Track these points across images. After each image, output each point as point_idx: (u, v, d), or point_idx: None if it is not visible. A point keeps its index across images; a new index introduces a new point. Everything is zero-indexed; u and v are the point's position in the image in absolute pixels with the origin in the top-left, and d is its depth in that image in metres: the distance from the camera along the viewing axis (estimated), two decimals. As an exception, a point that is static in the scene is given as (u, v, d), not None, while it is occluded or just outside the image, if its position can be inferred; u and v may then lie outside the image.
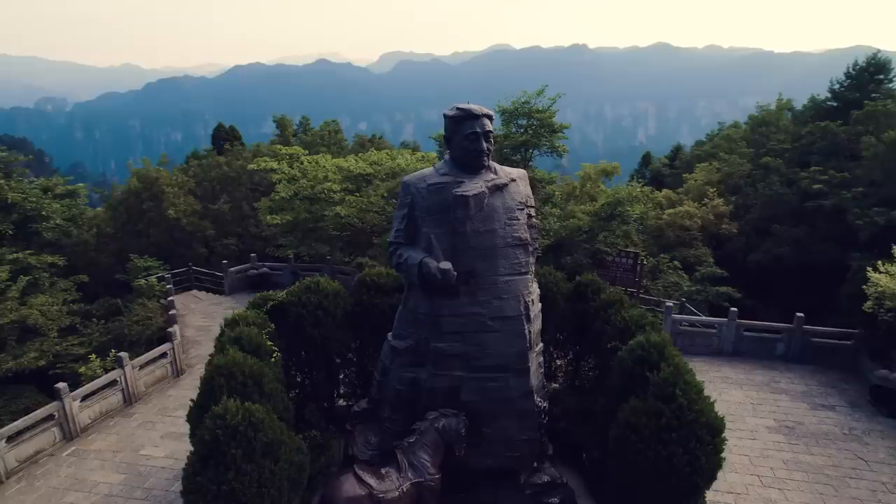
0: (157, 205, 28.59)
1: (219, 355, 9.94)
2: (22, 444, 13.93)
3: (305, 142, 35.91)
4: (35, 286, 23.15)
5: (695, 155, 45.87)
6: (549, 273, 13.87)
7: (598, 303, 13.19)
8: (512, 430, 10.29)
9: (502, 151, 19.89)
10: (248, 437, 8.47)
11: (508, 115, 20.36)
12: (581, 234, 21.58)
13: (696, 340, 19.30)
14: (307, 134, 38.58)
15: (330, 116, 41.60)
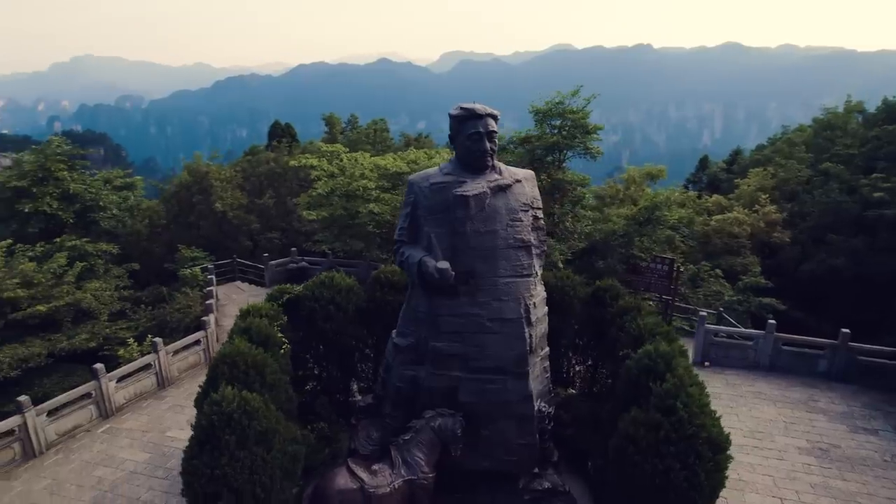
0: (205, 198, 29.84)
1: (226, 344, 10.28)
2: (62, 418, 14.85)
3: (351, 139, 36.59)
4: (91, 272, 24.58)
5: (754, 159, 43.89)
6: (567, 276, 13.62)
7: (615, 309, 12.85)
8: (510, 434, 10.18)
9: (535, 152, 19.65)
10: (243, 425, 8.74)
11: (542, 116, 20.07)
12: (616, 237, 21.06)
13: (731, 353, 18.48)
14: (353, 132, 39.29)
15: (390, 115, 42.21)
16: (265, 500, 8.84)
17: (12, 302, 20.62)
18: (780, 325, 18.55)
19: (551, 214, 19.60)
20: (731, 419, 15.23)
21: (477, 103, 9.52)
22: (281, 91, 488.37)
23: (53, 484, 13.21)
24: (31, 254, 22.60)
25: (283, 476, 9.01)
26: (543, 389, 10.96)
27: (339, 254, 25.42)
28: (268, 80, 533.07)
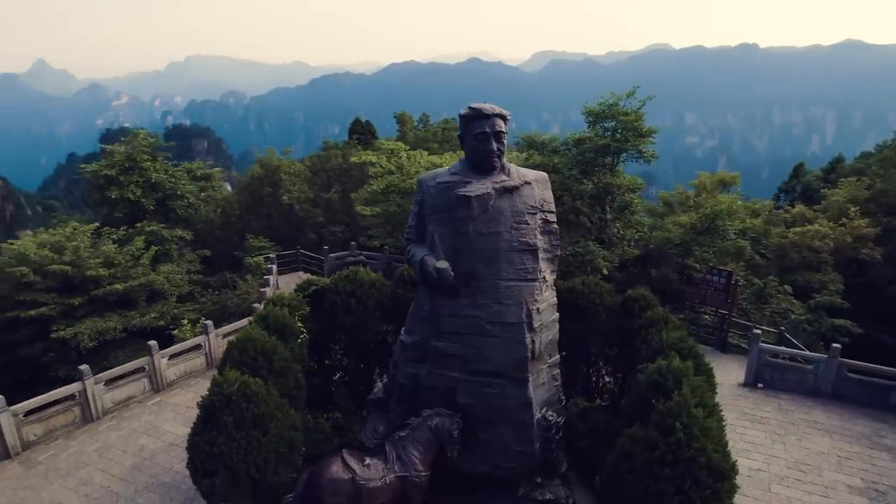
0: (274, 190, 31.32)
1: (242, 330, 10.78)
2: (117, 388, 16.15)
3: (419, 138, 37.06)
4: (166, 256, 26.48)
5: (855, 168, 40.35)
6: (595, 284, 13.16)
7: (642, 320, 12.29)
8: (507, 440, 10.00)
9: (586, 154, 19.05)
10: (241, 407, 9.16)
11: (595, 117, 19.42)
12: (672, 246, 20.07)
13: (788, 376, 17.13)
14: (422, 130, 39.74)
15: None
16: (259, 480, 9.23)
17: (95, 279, 22.59)
18: (859, 350, 16.98)
19: (599, 219, 18.98)
20: (777, 447, 14.18)
21: (486, 103, 9.42)
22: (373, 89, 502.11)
23: (103, 447, 14.39)
24: (115, 237, 24.67)
25: (277, 460, 9.34)
26: (551, 398, 10.68)
27: (393, 249, 25.86)
28: (360, 79, 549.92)
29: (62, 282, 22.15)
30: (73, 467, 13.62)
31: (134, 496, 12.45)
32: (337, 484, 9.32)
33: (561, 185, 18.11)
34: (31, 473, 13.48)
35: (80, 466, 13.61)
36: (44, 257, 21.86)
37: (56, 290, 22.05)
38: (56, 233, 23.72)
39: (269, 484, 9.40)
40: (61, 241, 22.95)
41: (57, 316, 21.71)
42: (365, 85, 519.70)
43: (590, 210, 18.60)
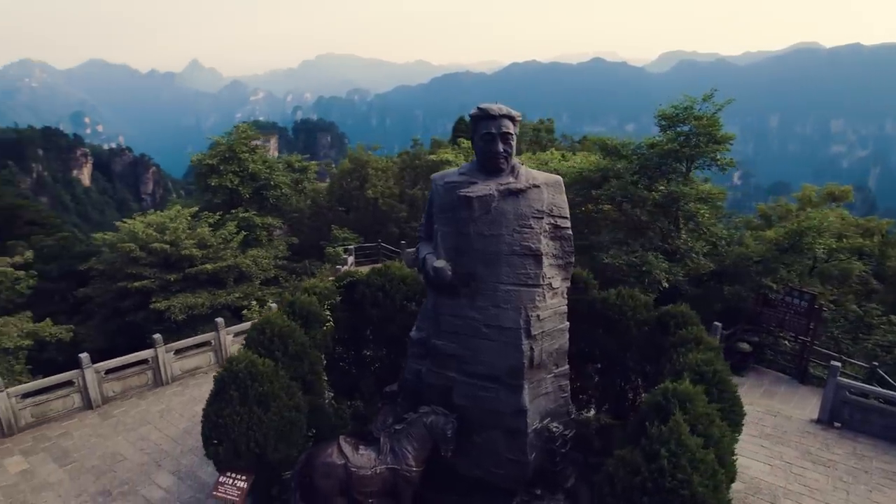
0: (361, 185, 32.66)
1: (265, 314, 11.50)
2: (186, 359, 17.79)
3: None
4: (256, 241, 28.56)
5: None
6: (630, 296, 12.51)
7: (675, 338, 11.54)
8: (499, 446, 9.84)
9: (652, 159, 18.00)
10: (246, 385, 9.79)
11: (668, 121, 18.27)
12: (751, 262, 18.52)
13: (874, 418, 15.20)
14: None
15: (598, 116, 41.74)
16: (260, 455, 9.83)
17: (189, 258, 24.90)
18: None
19: (663, 229, 17.88)
20: (837, 496, 12.72)
21: (492, 104, 9.30)
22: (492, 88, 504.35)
23: (165, 409, 15.94)
24: (211, 221, 27.00)
25: (277, 437, 9.86)
26: (557, 409, 10.36)
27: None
28: (480, 78, 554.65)
29: (162, 259, 24.63)
30: (138, 423, 15.22)
31: (179, 456, 13.69)
32: (329, 468, 9.71)
33: (621, 191, 17.30)
34: (104, 424, 15.25)
35: (143, 424, 15.18)
36: (149, 236, 24.46)
37: (157, 265, 24.57)
38: (162, 215, 26.40)
39: (269, 460, 9.97)
40: (165, 222, 25.53)
41: (156, 289, 24.19)
42: (484, 84, 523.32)
43: (650, 218, 17.57)
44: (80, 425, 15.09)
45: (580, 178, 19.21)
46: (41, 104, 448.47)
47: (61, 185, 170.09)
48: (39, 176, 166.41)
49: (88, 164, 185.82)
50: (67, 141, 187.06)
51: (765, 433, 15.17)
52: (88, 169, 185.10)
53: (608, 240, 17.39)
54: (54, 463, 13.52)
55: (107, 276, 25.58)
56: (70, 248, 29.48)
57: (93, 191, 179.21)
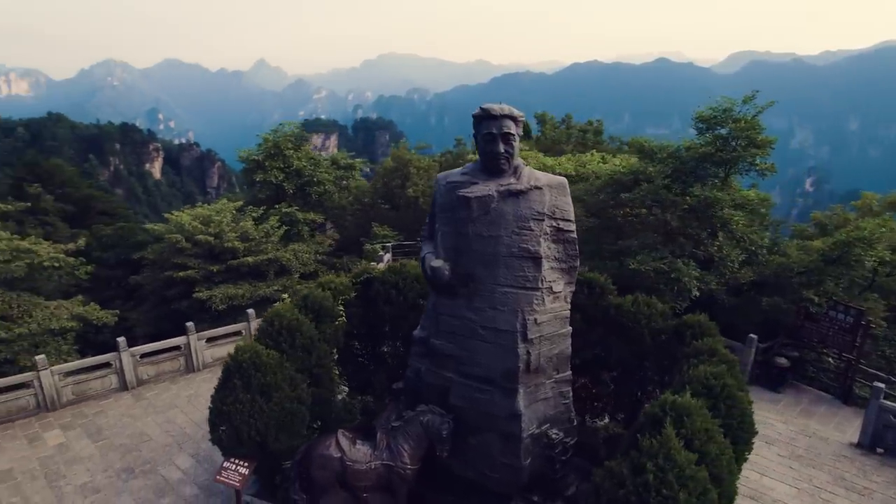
0: (403, 183, 32.96)
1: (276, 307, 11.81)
2: (217, 347, 18.47)
3: (553, 139, 36.43)
4: (297, 235, 29.31)
5: None
6: (646, 304, 12.15)
7: (690, 349, 11.13)
8: (494, 450, 9.74)
9: (687, 164, 17.27)
10: (249, 374, 10.10)
11: (705, 124, 17.50)
12: (792, 273, 17.59)
13: (920, 444, 14.23)
14: (554, 131, 38.85)
15: (660, 118, 40.79)
16: (260, 443, 10.13)
17: (232, 251, 25.81)
18: None
19: (695, 236, 17.13)
20: (871, 524, 11.97)
21: (495, 104, 9.22)
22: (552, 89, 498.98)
23: (193, 395, 16.62)
24: (255, 215, 27.91)
25: (277, 427, 10.13)
26: (557, 416, 10.17)
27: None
28: (540, 78, 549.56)
29: (206, 250, 25.65)
30: (167, 407, 15.94)
31: (199, 440, 14.23)
32: (326, 460, 9.91)
33: (652, 195, 16.72)
34: (136, 405, 16.05)
35: (172, 407, 15.88)
36: (195, 228, 25.52)
37: (201, 256, 25.59)
38: (209, 208, 27.50)
39: (271, 449, 10.26)
40: (210, 215, 26.58)
41: (200, 279, 25.20)
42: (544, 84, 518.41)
43: (681, 223, 16.88)
44: (114, 405, 15.95)
45: (611, 180, 18.73)
46: (121, 101, 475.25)
47: (135, 177, 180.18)
48: (116, 169, 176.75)
49: (159, 159, 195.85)
50: (142, 136, 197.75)
51: (796, 454, 14.39)
52: (159, 163, 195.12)
53: (637, 245, 16.86)
54: (88, 439, 14.35)
55: (156, 265, 26.87)
56: (126, 238, 31.15)
57: (163, 183, 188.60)
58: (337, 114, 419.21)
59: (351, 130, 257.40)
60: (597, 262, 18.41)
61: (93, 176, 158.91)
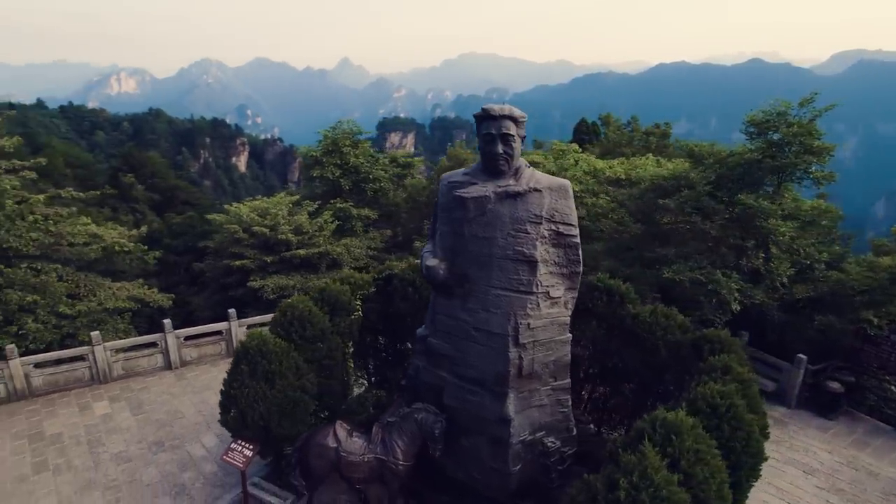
0: (457, 182, 33.01)
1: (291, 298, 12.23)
2: (257, 334, 19.27)
3: (615, 141, 35.39)
4: (351, 231, 30.08)
5: None
6: (664, 315, 11.65)
7: (704, 364, 10.59)
8: (483, 453, 9.66)
9: (733, 170, 16.22)
10: (255, 361, 10.54)
11: (757, 128, 16.39)
12: (851, 291, 16.29)
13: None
14: (617, 133, 37.60)
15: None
16: (264, 428, 10.55)
17: (286, 243, 26.85)
18: None
19: (738, 247, 16.12)
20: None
21: (496, 104, 9.12)
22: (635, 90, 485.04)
23: (230, 378, 17.45)
24: (310, 209, 28.88)
25: (280, 414, 10.51)
26: (554, 424, 9.94)
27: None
28: (623, 79, 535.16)
29: (262, 241, 26.80)
30: (203, 388, 16.84)
31: (227, 421, 14.95)
32: (322, 449, 10.20)
33: (692, 202, 15.86)
34: (177, 384, 17.07)
35: (207, 388, 16.76)
36: (252, 219, 26.74)
37: (257, 247, 26.78)
38: (267, 201, 28.74)
39: (274, 434, 10.67)
40: (268, 207, 27.76)
41: (254, 269, 26.38)
42: (627, 85, 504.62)
43: (722, 233, 15.92)
44: (158, 382, 17.05)
45: (653, 185, 17.95)
46: (214, 98, 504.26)
47: (222, 170, 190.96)
48: (205, 161, 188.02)
49: (245, 153, 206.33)
50: (230, 131, 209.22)
51: (836, 487, 13.35)
52: (245, 157, 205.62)
53: (674, 254, 16.09)
54: (129, 411, 15.43)
55: (217, 253, 28.37)
56: (194, 227, 33.10)
57: (247, 176, 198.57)
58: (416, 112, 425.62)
59: (428, 129, 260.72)
60: (637, 269, 17.78)
61: (184, 167, 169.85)
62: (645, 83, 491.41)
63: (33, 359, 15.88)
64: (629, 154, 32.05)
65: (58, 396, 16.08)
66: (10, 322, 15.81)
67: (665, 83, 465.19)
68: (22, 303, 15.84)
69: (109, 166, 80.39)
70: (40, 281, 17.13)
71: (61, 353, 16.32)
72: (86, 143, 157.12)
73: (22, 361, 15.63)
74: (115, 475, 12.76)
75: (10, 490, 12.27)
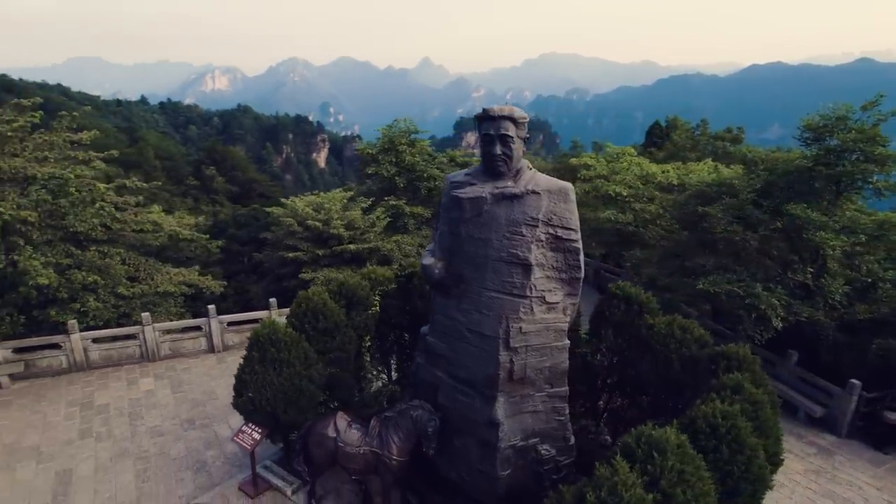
0: (512, 183, 32.78)
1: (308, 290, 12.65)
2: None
3: (679, 145, 33.96)
4: (404, 228, 30.56)
5: None
6: (682, 327, 11.15)
7: (716, 382, 10.07)
8: (471, 455, 9.61)
9: (780, 179, 15.07)
10: (265, 348, 11.00)
11: (813, 133, 15.16)
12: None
13: None
14: (687, 136, 35.93)
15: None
16: (272, 413, 10.99)
17: (337, 237, 27.66)
18: None
19: (785, 260, 15.02)
20: None
21: (496, 105, 9.05)
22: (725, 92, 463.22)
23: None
24: (363, 205, 29.58)
25: (286, 401, 10.91)
26: (549, 431, 9.74)
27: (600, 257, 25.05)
28: (712, 80, 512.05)
29: (315, 235, 27.72)
30: (241, 372, 17.66)
31: (256, 405, 15.65)
32: (322, 438, 10.50)
33: (735, 210, 14.92)
34: (217, 367, 18.03)
35: (244, 372, 17.56)
36: (306, 213, 27.73)
37: (310, 240, 27.73)
38: (323, 196, 29.70)
39: (281, 420, 11.09)
40: (322, 202, 28.69)
41: (307, 261, 27.35)
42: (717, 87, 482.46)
43: (763, 245, 14.85)
44: (199, 364, 18.08)
45: (697, 192, 17.03)
46: (300, 95, 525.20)
47: (303, 165, 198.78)
48: (287, 156, 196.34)
49: (325, 149, 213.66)
50: (311, 128, 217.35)
51: (880, 527, 12.34)
52: (325, 153, 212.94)
53: (712, 264, 15.23)
54: (170, 389, 16.47)
55: (274, 245, 29.63)
56: (257, 219, 34.69)
57: (326, 172, 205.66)
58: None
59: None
60: (678, 278, 17.06)
61: (267, 162, 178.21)
62: (736, 85, 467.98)
63: (91, 334, 17.28)
64: (693, 159, 30.73)
65: (111, 370, 17.42)
66: (75, 299, 17.20)
67: (758, 85, 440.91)
68: (85, 282, 17.21)
69: (195, 159, 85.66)
70: (105, 263, 18.54)
71: (116, 331, 17.66)
72: (180, 136, 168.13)
73: (81, 336, 17.05)
74: (147, 447, 13.67)
75: (57, 452, 13.43)
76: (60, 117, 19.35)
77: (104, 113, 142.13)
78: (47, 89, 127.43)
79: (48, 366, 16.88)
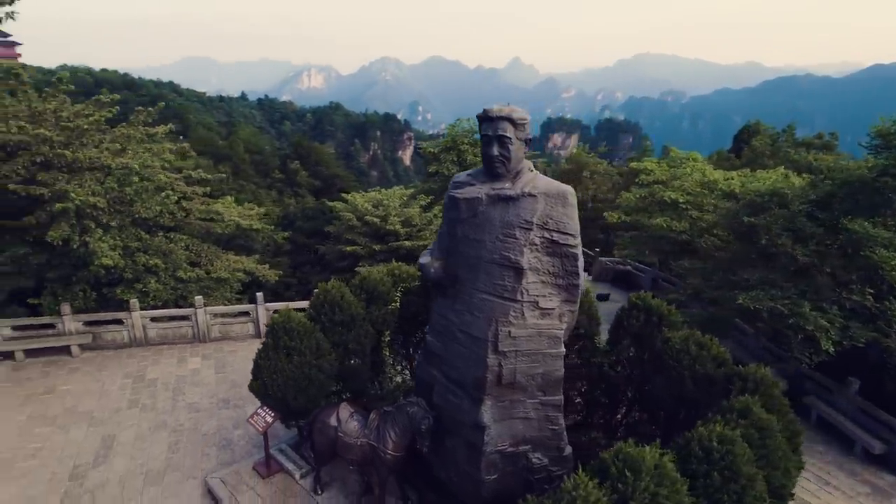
0: (575, 186, 32.06)
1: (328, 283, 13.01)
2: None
3: (757, 151, 31.77)
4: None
5: None
6: (698, 344, 10.51)
7: (727, 403, 9.43)
8: (459, 456, 9.54)
9: (838, 190, 13.63)
10: (279, 336, 11.45)
11: (884, 140, 13.65)
12: None
13: None
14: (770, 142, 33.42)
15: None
16: (281, 398, 11.42)
17: (394, 233, 28.22)
18: None
19: (837, 278, 13.62)
20: None
21: (507, 105, 8.90)
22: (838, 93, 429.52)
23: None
24: (422, 203, 29.98)
25: (295, 388, 11.30)
26: (540, 439, 9.46)
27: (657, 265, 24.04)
28: (824, 82, 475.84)
29: (373, 230, 28.44)
30: (282, 358, 18.42)
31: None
32: (325, 426, 10.82)
33: (785, 222, 13.69)
34: (260, 351, 18.85)
35: (284, 359, 18.31)
36: (365, 209, 28.48)
37: (368, 235, 28.49)
38: (383, 192, 30.37)
39: (291, 406, 11.50)
40: (382, 198, 29.34)
41: (364, 255, 28.10)
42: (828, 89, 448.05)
43: (813, 260, 13.50)
44: (245, 348, 19.03)
45: (749, 202, 15.80)
46: (390, 94, 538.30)
47: (388, 162, 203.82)
48: (374, 153, 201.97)
49: (410, 147, 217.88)
50: (399, 126, 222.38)
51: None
52: (410, 150, 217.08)
53: (756, 279, 14.13)
54: (214, 370, 17.48)
55: (335, 238, 30.66)
56: (324, 212, 36.01)
57: (410, 169, 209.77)
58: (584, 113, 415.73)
59: (593, 131, 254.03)
60: (724, 292, 16.07)
61: (355, 158, 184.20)
62: (851, 85, 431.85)
63: (150, 313, 18.67)
64: (772, 166, 28.73)
65: (165, 348, 18.74)
66: (138, 280, 18.63)
67: (878, 86, 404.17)
68: (148, 265, 18.60)
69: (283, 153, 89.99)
70: (169, 248, 19.94)
71: (172, 312, 18.95)
72: (275, 131, 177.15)
73: (141, 314, 18.47)
74: (183, 421, 14.62)
75: (106, 418, 14.65)
76: (137, 112, 20.99)
77: (208, 108, 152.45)
78: (160, 86, 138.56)
79: (112, 339, 18.42)
